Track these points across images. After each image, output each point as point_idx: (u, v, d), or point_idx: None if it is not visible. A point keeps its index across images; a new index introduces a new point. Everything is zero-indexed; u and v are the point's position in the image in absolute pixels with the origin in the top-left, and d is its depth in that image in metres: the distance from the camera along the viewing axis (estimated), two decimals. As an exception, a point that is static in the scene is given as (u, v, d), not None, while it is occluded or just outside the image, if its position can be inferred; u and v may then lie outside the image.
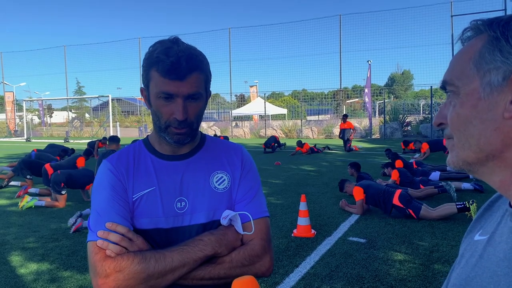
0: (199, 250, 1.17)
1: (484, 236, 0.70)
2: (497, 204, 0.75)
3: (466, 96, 0.65)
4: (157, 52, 1.16)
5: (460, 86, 0.66)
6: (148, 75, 1.19)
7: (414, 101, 37.41)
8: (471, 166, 0.67)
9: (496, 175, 0.65)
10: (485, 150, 0.63)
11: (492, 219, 0.73)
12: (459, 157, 0.67)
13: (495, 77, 0.61)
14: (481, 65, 0.63)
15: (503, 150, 0.62)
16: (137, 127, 36.75)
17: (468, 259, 0.70)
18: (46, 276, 4.24)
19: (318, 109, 38.74)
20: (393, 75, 67.33)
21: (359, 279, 3.96)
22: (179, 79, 1.16)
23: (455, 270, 0.74)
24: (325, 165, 12.39)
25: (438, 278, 3.92)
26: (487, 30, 0.64)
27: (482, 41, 0.64)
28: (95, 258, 1.14)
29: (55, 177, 7.30)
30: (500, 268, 0.59)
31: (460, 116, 0.65)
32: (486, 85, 0.62)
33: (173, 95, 1.17)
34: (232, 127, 30.09)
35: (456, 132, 0.67)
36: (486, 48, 0.63)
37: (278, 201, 7.52)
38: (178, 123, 1.19)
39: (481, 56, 0.63)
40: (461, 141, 0.66)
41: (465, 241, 0.78)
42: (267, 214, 1.33)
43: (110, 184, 1.24)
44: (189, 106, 1.19)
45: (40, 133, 36.87)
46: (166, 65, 1.14)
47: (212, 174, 1.29)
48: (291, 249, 4.85)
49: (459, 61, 0.67)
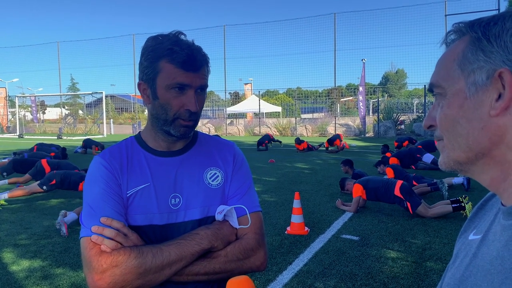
0: (195, 243, 1.17)
1: (478, 236, 0.70)
2: (491, 203, 0.76)
3: (453, 97, 0.66)
4: (167, 44, 1.16)
5: (446, 87, 0.67)
6: (156, 67, 1.18)
7: (408, 100, 37.54)
8: (462, 166, 0.68)
9: (486, 174, 0.66)
10: (474, 149, 0.64)
11: (485, 218, 0.73)
12: (450, 158, 0.68)
13: (479, 77, 0.62)
14: (465, 66, 0.64)
15: (492, 148, 0.63)
16: (131, 124, 36.63)
17: (463, 259, 0.70)
18: (38, 273, 4.22)
19: (313, 107, 38.78)
20: (387, 74, 67.52)
21: (352, 276, 3.97)
22: (194, 70, 1.17)
23: (449, 270, 0.74)
24: (319, 163, 12.42)
25: (431, 276, 3.94)
26: (469, 32, 0.65)
27: (464, 43, 0.65)
28: (90, 254, 1.12)
29: (50, 175, 7.22)
30: (494, 266, 0.59)
31: (448, 117, 0.66)
32: (471, 85, 0.63)
33: (187, 86, 1.17)
34: (227, 124, 30.06)
35: (445, 132, 0.68)
36: (469, 49, 0.64)
37: (272, 198, 7.53)
38: (189, 115, 1.19)
39: (465, 57, 0.64)
40: (451, 141, 0.67)
41: (460, 240, 0.79)
42: (260, 208, 1.33)
43: (103, 179, 1.22)
44: (197, 98, 1.21)
45: (33, 129, 36.62)
46: (182, 57, 1.15)
47: (206, 171, 1.29)
48: (285, 247, 4.86)
49: (444, 63, 0.68)
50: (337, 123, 26.76)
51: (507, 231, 0.61)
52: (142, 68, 1.21)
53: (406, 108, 33.27)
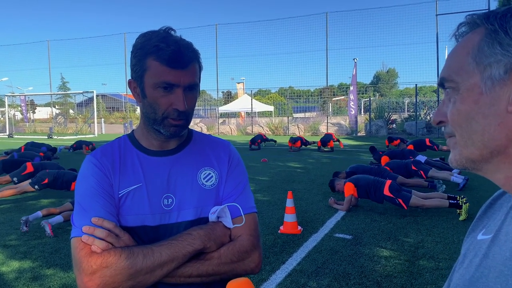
0: (188, 244, 1.14)
1: (488, 235, 0.67)
2: (500, 202, 0.73)
3: (467, 92, 0.63)
4: (154, 40, 1.12)
5: (459, 81, 0.64)
6: (143, 65, 1.15)
7: (399, 99, 37.75)
8: (475, 164, 0.65)
9: (501, 172, 0.63)
10: (490, 146, 0.61)
11: (495, 217, 0.71)
12: (462, 155, 0.65)
13: (496, 71, 0.60)
14: (480, 59, 0.61)
15: (508, 145, 0.60)
16: (122, 123, 36.39)
17: (472, 259, 0.67)
18: (28, 274, 4.16)
19: (305, 106, 38.85)
20: (378, 73, 67.78)
21: (345, 275, 3.97)
22: (181, 68, 1.13)
23: (457, 271, 0.72)
24: (312, 162, 12.44)
25: (423, 274, 3.95)
26: (484, 24, 0.62)
27: (479, 35, 0.63)
28: (80, 254, 1.09)
29: (42, 174, 7.12)
30: (507, 268, 0.57)
31: (462, 112, 0.63)
32: (487, 79, 0.60)
33: (174, 85, 1.14)
34: (219, 124, 30.02)
35: (458, 129, 0.64)
36: (485, 42, 0.61)
37: (264, 197, 7.51)
38: (177, 114, 1.16)
39: (480, 50, 0.62)
40: (464, 138, 0.64)
41: (467, 240, 0.76)
42: (255, 210, 1.30)
43: (95, 178, 1.19)
44: (187, 96, 1.17)
45: (23, 129, 36.25)
46: (168, 54, 1.11)
47: (200, 171, 1.27)
48: (278, 246, 4.85)
49: (456, 57, 0.65)
50: (329, 122, 26.83)
51: None
52: (131, 66, 1.19)
53: (397, 107, 33.44)
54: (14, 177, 7.81)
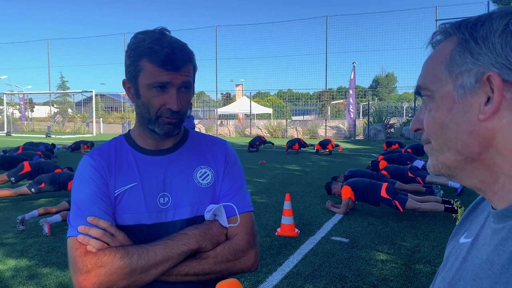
0: (183, 244, 1.15)
1: (468, 239, 0.69)
2: (481, 206, 0.75)
3: (441, 100, 0.64)
4: (148, 42, 1.13)
5: (434, 90, 0.65)
6: (137, 66, 1.16)
7: (398, 104, 37.83)
8: (450, 170, 0.66)
9: (475, 178, 0.65)
10: (463, 153, 0.63)
11: (476, 221, 0.72)
12: (439, 161, 0.67)
13: (467, 79, 0.61)
14: (452, 68, 0.63)
15: (481, 152, 0.61)
16: (120, 123, 36.37)
17: (453, 263, 0.69)
18: (25, 273, 4.15)
19: (303, 109, 38.92)
20: (377, 77, 67.97)
21: (341, 278, 3.97)
22: (174, 70, 1.14)
23: (440, 274, 0.73)
24: (310, 165, 12.44)
25: (420, 278, 3.96)
26: (456, 33, 0.64)
27: (452, 44, 0.64)
28: (76, 254, 1.11)
29: (39, 178, 7.11)
30: (483, 270, 0.58)
31: (436, 120, 0.65)
32: (459, 88, 0.62)
33: (168, 84, 1.15)
34: (217, 125, 30.01)
35: (433, 136, 0.66)
36: (457, 51, 0.62)
37: (262, 200, 7.52)
38: (171, 113, 1.17)
39: (452, 59, 0.63)
40: (439, 145, 0.66)
41: (451, 244, 0.77)
42: (252, 208, 1.31)
43: (91, 178, 1.20)
44: (181, 96, 1.17)
45: (21, 127, 36.17)
46: (161, 56, 1.12)
47: (196, 169, 1.27)
48: (275, 248, 4.85)
49: (431, 65, 0.67)
50: (328, 126, 26.87)
51: (497, 235, 0.60)
52: (126, 66, 1.20)
53: (396, 111, 33.54)
54: (12, 176, 7.81)
